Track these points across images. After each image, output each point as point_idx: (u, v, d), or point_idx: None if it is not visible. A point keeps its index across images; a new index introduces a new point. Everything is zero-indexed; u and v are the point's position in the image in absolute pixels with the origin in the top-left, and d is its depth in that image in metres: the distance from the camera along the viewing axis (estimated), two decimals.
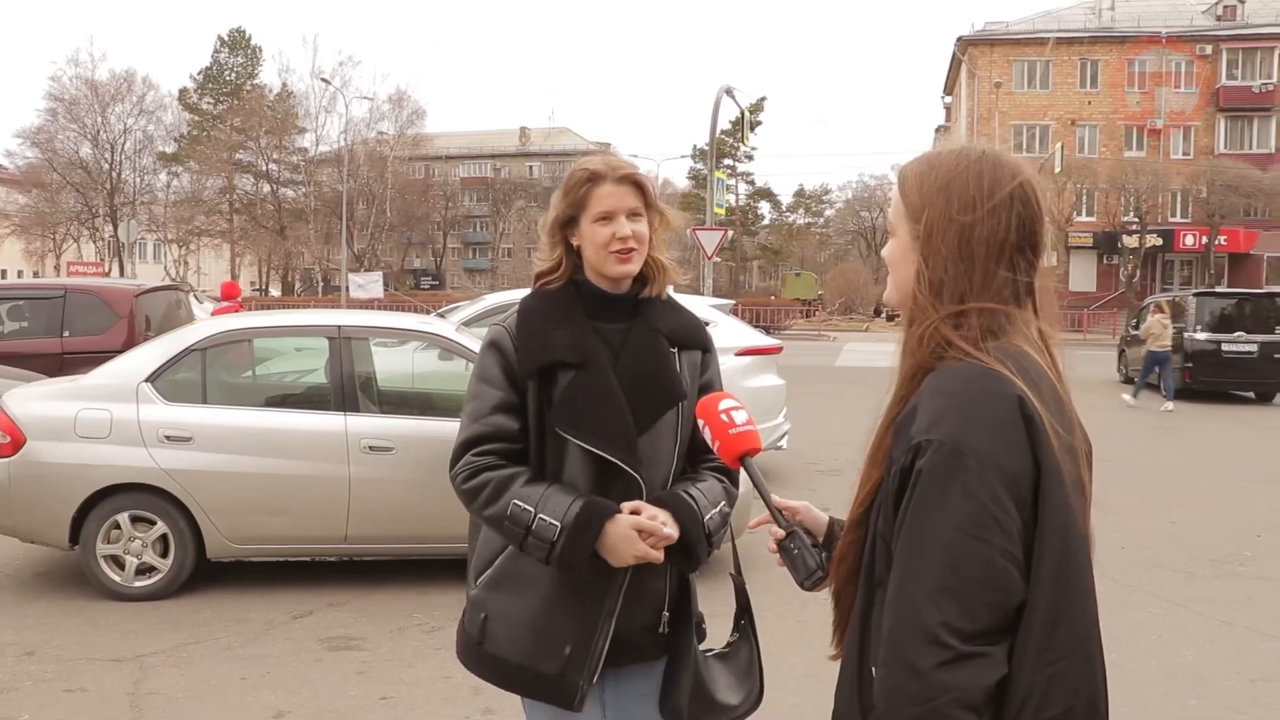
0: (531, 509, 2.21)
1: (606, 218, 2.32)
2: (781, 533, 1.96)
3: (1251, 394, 19.00)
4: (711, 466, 2.47)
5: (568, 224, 2.37)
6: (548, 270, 2.41)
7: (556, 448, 2.30)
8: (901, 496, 1.46)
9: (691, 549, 2.32)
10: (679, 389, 2.38)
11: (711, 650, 2.42)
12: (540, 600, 2.28)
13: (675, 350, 2.42)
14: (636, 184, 2.37)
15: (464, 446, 2.32)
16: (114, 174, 59.00)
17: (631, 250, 2.34)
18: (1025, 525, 1.41)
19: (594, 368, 2.29)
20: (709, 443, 2.16)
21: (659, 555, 2.23)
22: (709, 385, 2.47)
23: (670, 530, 2.24)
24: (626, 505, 2.25)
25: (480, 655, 2.35)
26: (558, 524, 2.19)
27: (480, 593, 2.36)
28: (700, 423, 2.19)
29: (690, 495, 2.35)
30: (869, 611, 1.56)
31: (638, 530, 2.21)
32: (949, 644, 1.36)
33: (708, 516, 2.35)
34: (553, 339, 2.30)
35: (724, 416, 2.14)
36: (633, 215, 2.35)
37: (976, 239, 1.53)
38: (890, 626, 1.43)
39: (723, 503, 2.42)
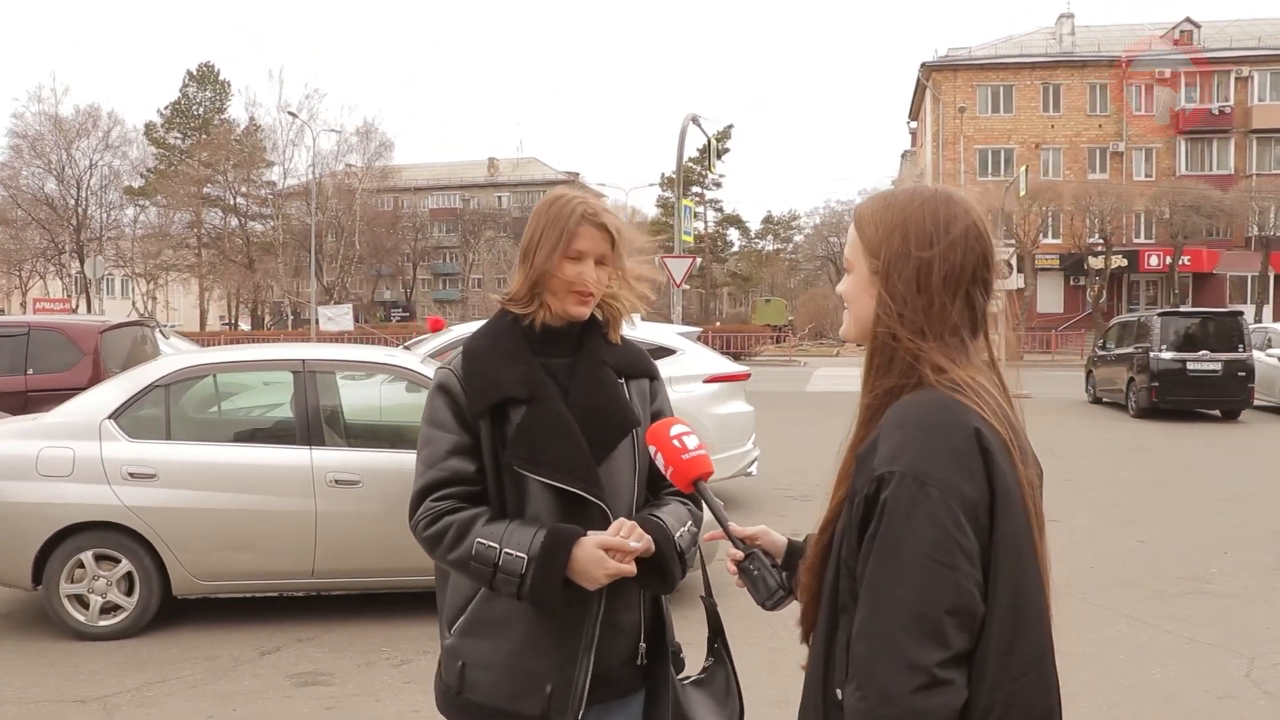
0: (496, 545, 2.19)
1: (577, 257, 2.33)
2: (740, 555, 1.99)
3: (1217, 412, 19.19)
4: (673, 492, 2.46)
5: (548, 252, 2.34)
6: (522, 295, 2.37)
7: (516, 485, 2.28)
8: (865, 526, 1.51)
9: (665, 568, 2.30)
10: (632, 417, 2.38)
11: (688, 677, 2.42)
12: (516, 642, 2.25)
13: (623, 380, 2.43)
14: (611, 235, 2.38)
15: (421, 494, 2.29)
16: (80, 210, 58.60)
17: (590, 296, 2.36)
18: (983, 550, 1.47)
19: (545, 401, 2.28)
20: (662, 469, 2.16)
21: (631, 568, 2.20)
22: (660, 412, 2.46)
23: (637, 543, 2.21)
24: (591, 533, 2.24)
25: (460, 704, 2.31)
26: (524, 556, 2.17)
27: (455, 641, 2.32)
28: (652, 449, 2.19)
29: (657, 517, 2.34)
30: (832, 635, 1.59)
31: (605, 549, 2.19)
32: (923, 669, 1.41)
33: (678, 535, 2.34)
34: (500, 376, 2.29)
35: (676, 442, 2.15)
36: (600, 262, 2.37)
37: (934, 273, 1.60)
38: (864, 653, 1.46)
39: (689, 522, 2.41)
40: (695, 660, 2.49)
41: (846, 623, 1.53)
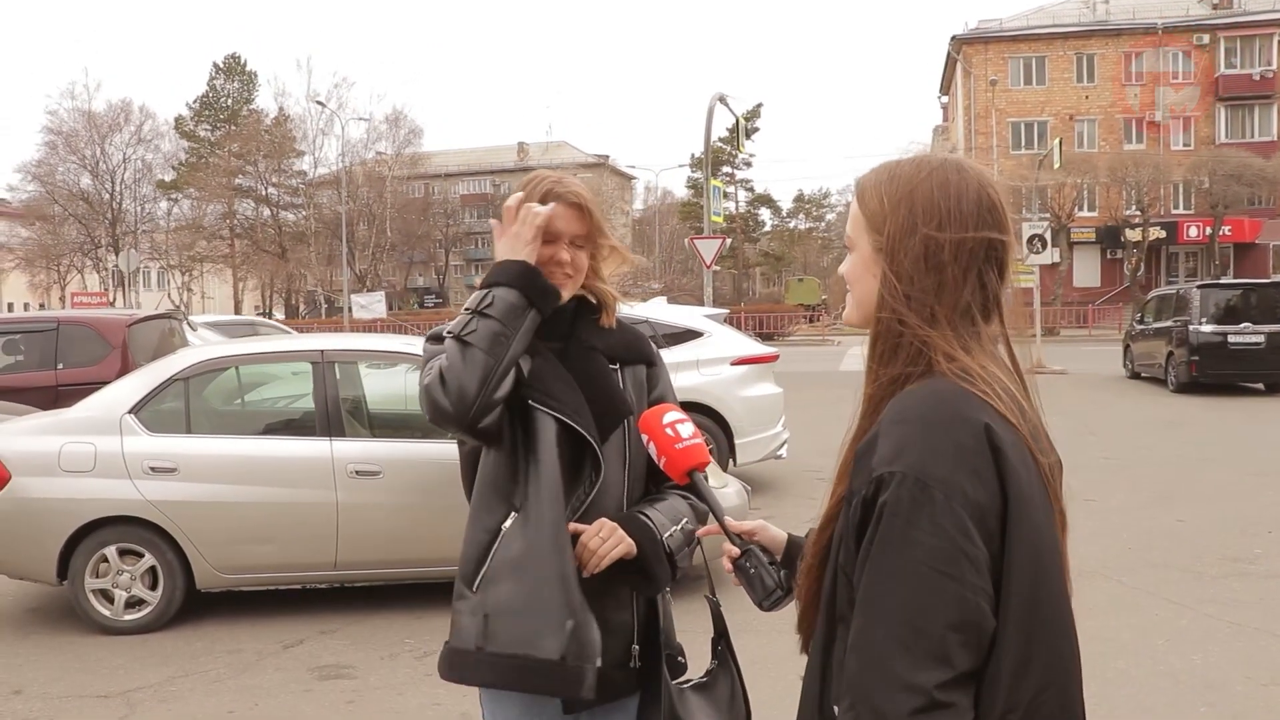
0: (474, 302, 2.15)
1: (551, 239, 2.23)
2: (737, 551, 1.88)
3: (1260, 385, 18.81)
4: (674, 485, 2.35)
5: None
6: None
7: (524, 423, 2.20)
8: (864, 530, 1.38)
9: (650, 570, 2.20)
10: (625, 405, 2.27)
11: (689, 681, 2.29)
12: (536, 578, 2.14)
13: (617, 367, 2.33)
14: (586, 212, 2.28)
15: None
16: (115, 204, 59.23)
17: (567, 278, 2.26)
18: (993, 558, 1.33)
19: (547, 358, 2.24)
20: (655, 459, 2.05)
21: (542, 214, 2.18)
22: (661, 399, 2.35)
23: (626, 544, 2.14)
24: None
25: (479, 660, 2.18)
26: (485, 293, 2.14)
27: (479, 596, 2.19)
28: (645, 438, 2.09)
29: (645, 515, 2.24)
30: (829, 646, 1.47)
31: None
32: (921, 690, 1.28)
33: (666, 535, 2.23)
34: None
35: (669, 430, 2.04)
36: (575, 242, 2.27)
37: (945, 250, 1.45)
38: (857, 670, 1.34)
39: (685, 519, 2.30)
40: (700, 663, 2.38)
41: (844, 633, 1.40)
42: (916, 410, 1.39)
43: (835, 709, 1.42)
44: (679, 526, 2.27)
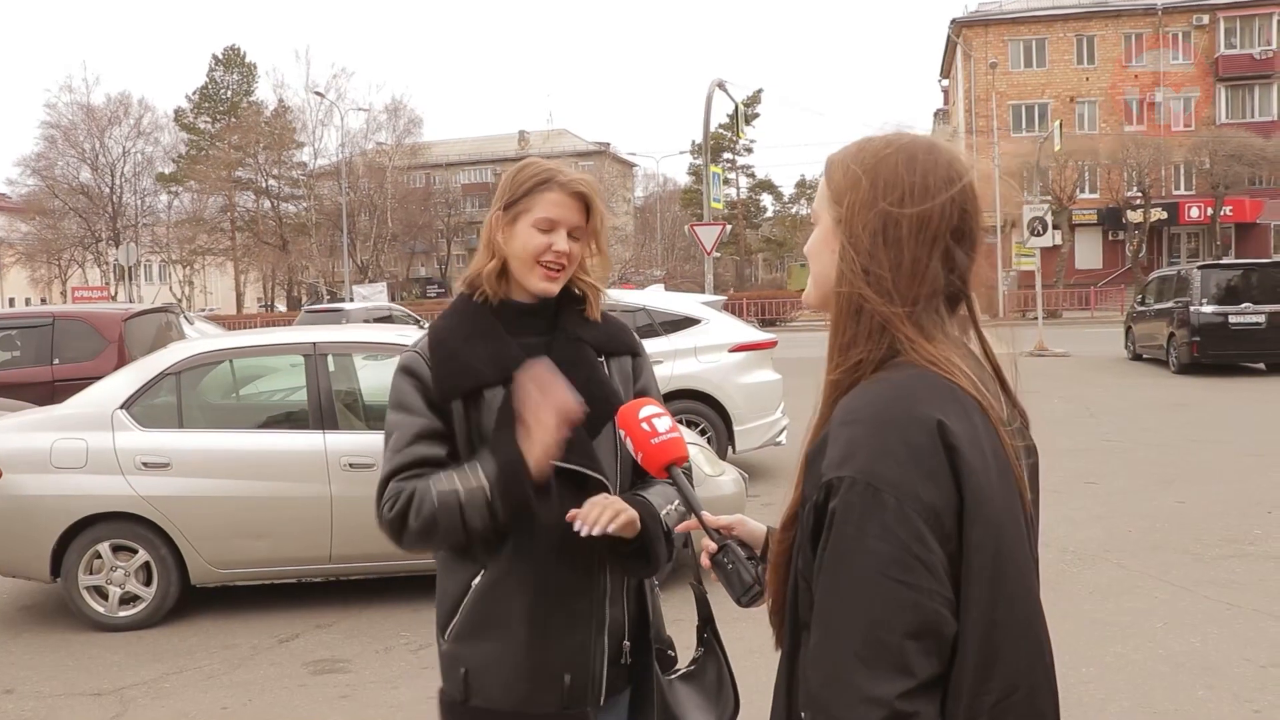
0: (451, 488, 2.04)
1: (548, 227, 2.17)
2: (714, 547, 1.83)
3: (1262, 365, 18.74)
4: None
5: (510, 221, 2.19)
6: (492, 270, 2.20)
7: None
8: (819, 536, 1.33)
9: (649, 548, 2.13)
10: (615, 398, 2.21)
11: (677, 671, 2.26)
12: (521, 639, 2.10)
13: (603, 358, 2.27)
14: (587, 203, 2.21)
15: (386, 480, 2.13)
16: (115, 197, 59.12)
17: (561, 268, 2.19)
18: (951, 559, 1.28)
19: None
20: (631, 454, 2.01)
21: (572, 409, 2.05)
22: (645, 391, 2.30)
23: (630, 512, 2.07)
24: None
25: (469, 713, 2.15)
26: (484, 482, 2.03)
27: (452, 647, 2.16)
28: (621, 434, 2.05)
29: (641, 495, 2.19)
30: (795, 653, 1.43)
31: (535, 388, 2.04)
32: (882, 703, 1.23)
33: (664, 512, 2.17)
34: (471, 359, 2.14)
35: (645, 425, 1.99)
36: (572, 234, 2.20)
37: (905, 225, 1.39)
38: (816, 683, 1.30)
39: (676, 501, 2.24)
40: (689, 652, 2.34)
41: (808, 639, 1.35)
42: (867, 410, 1.33)
43: (803, 715, 1.37)
44: (673, 505, 2.21)
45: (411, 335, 7.23)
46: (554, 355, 2.19)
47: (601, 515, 2.03)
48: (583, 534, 2.02)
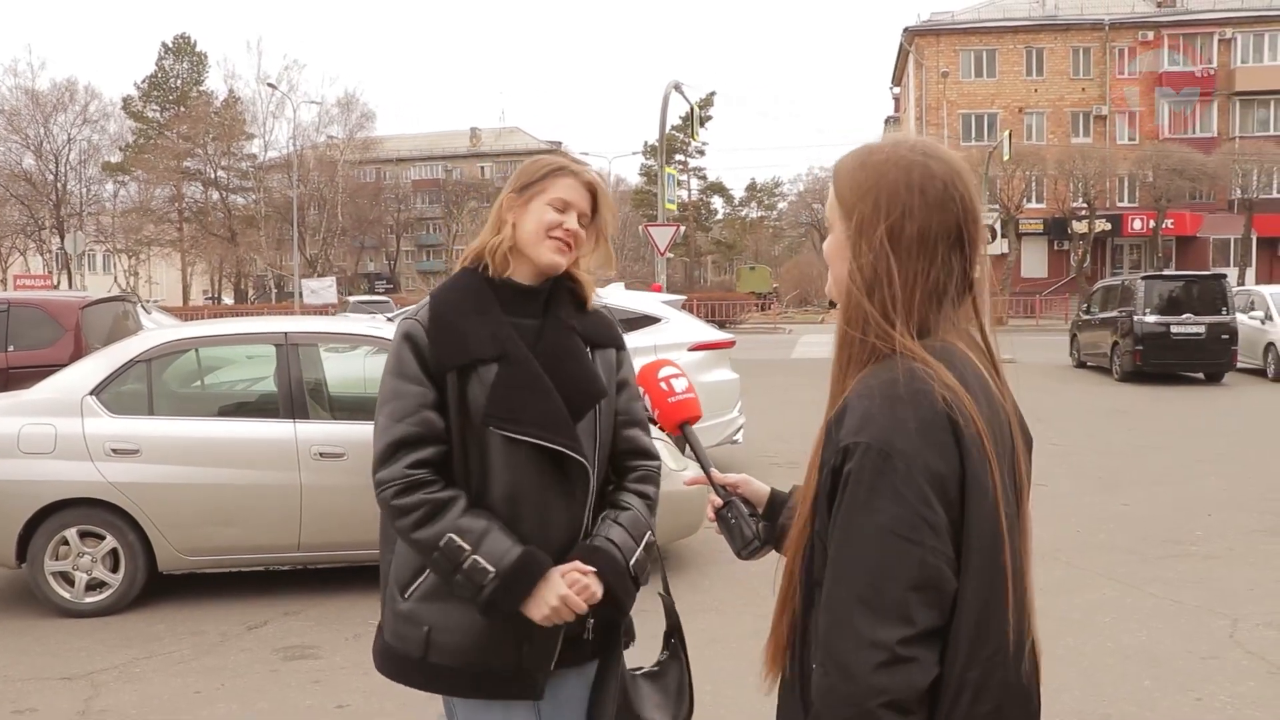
0: (468, 547, 2.14)
1: (561, 207, 2.30)
2: (719, 502, 1.98)
3: (1201, 375, 19.26)
4: (635, 477, 2.43)
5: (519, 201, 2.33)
6: (503, 244, 2.32)
7: (479, 445, 2.22)
8: (834, 498, 1.47)
9: (618, 600, 2.28)
10: (600, 386, 2.33)
11: (640, 669, 2.38)
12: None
13: (589, 349, 2.38)
14: (596, 195, 2.37)
15: (393, 449, 2.20)
16: (59, 185, 57.99)
17: (570, 245, 2.32)
18: (953, 524, 1.43)
19: (518, 359, 2.23)
20: (649, 411, 2.13)
21: (583, 606, 2.20)
22: (624, 384, 2.43)
23: (597, 588, 2.21)
24: (563, 567, 2.21)
25: (425, 669, 2.25)
26: (492, 570, 2.13)
27: (415, 605, 2.25)
28: (640, 391, 2.16)
29: (614, 544, 2.30)
30: (809, 611, 1.56)
31: (567, 589, 2.19)
32: (884, 646, 1.37)
33: (633, 561, 2.31)
34: (468, 332, 2.24)
35: (664, 385, 2.12)
36: (581, 220, 2.34)
37: (907, 236, 1.53)
38: (825, 628, 1.44)
39: (647, 534, 2.38)
40: (654, 656, 2.46)
41: (820, 597, 1.49)
42: (881, 385, 1.47)
43: (815, 667, 1.50)
44: (641, 546, 2.35)
45: (380, 327, 7.30)
46: (545, 338, 2.30)
47: (572, 607, 2.19)
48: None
